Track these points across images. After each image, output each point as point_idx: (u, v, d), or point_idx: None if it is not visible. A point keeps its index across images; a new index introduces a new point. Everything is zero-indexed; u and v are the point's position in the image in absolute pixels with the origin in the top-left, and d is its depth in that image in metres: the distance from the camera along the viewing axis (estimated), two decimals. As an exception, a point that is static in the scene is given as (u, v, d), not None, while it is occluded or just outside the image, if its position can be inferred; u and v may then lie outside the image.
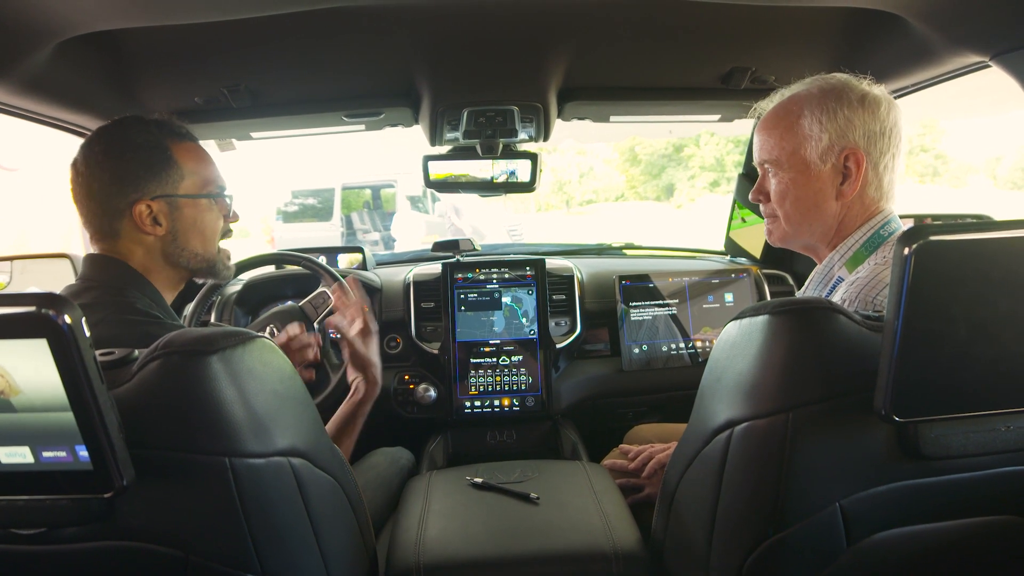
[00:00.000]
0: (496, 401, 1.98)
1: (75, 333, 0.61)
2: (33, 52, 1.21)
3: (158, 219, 1.17)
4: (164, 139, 1.18)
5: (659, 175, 25.84)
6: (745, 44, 1.62)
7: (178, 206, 1.19)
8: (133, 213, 1.15)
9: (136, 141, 1.15)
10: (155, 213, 1.16)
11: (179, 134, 1.22)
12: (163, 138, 1.18)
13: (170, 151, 1.18)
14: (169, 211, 1.18)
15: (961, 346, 0.72)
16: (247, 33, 1.41)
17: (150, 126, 1.18)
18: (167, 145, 1.18)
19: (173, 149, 1.19)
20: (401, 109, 1.85)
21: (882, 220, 1.16)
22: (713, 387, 0.95)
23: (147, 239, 1.18)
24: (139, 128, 1.17)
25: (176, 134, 1.21)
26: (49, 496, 0.72)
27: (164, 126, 1.20)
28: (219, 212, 1.28)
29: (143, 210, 1.15)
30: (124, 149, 1.15)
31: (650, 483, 1.52)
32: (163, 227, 1.18)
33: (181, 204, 1.19)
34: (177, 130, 1.22)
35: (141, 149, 1.15)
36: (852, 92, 1.14)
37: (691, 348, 2.06)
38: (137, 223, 1.15)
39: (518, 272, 2.04)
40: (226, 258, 1.32)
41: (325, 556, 0.92)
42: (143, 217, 1.15)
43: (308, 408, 0.95)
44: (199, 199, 1.22)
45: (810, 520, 0.84)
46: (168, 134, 1.20)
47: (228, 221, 1.31)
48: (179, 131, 1.22)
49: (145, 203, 1.15)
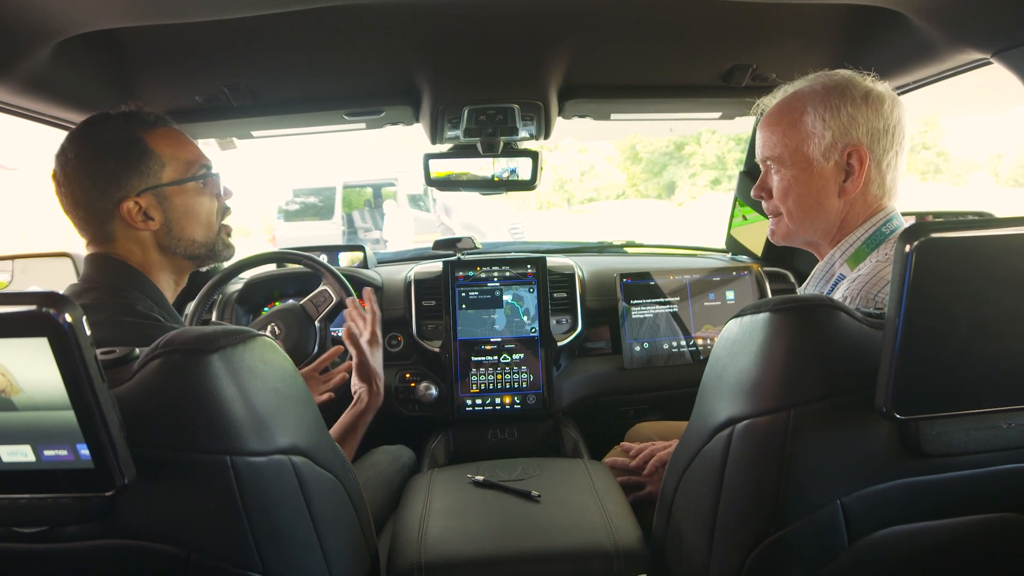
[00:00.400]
0: (497, 399, 1.98)
1: (76, 332, 0.61)
2: (33, 51, 1.21)
3: (149, 213, 1.14)
4: (136, 130, 1.14)
5: (660, 173, 25.83)
6: (746, 42, 1.62)
7: (166, 196, 1.15)
8: (122, 212, 1.11)
9: (107, 139, 1.11)
10: (144, 208, 1.13)
11: (150, 122, 1.16)
12: (134, 130, 1.14)
13: (144, 142, 1.13)
14: (158, 203, 1.14)
15: (962, 343, 0.72)
16: (247, 32, 1.41)
17: (118, 120, 1.14)
18: (140, 136, 1.13)
19: (147, 139, 1.14)
20: (402, 107, 1.85)
21: (884, 217, 1.15)
22: (714, 385, 0.95)
23: (142, 236, 1.15)
24: (107, 125, 1.13)
25: (147, 123, 1.16)
26: (50, 495, 0.72)
27: (133, 117, 1.15)
28: (210, 192, 1.23)
29: (131, 207, 1.11)
30: (97, 150, 1.11)
31: (651, 481, 1.52)
32: (156, 220, 1.15)
33: (169, 193, 1.15)
34: (147, 118, 1.17)
35: (114, 146, 1.11)
36: (856, 89, 1.13)
37: (692, 346, 2.06)
38: (128, 221, 1.12)
39: (519, 270, 2.04)
40: (226, 235, 1.28)
41: (327, 554, 0.92)
42: (133, 215, 1.12)
43: (309, 406, 0.95)
44: (185, 184, 1.18)
45: (811, 518, 0.84)
46: (139, 124, 1.15)
47: (222, 199, 1.27)
48: (149, 119, 1.17)
49: (132, 200, 1.11)
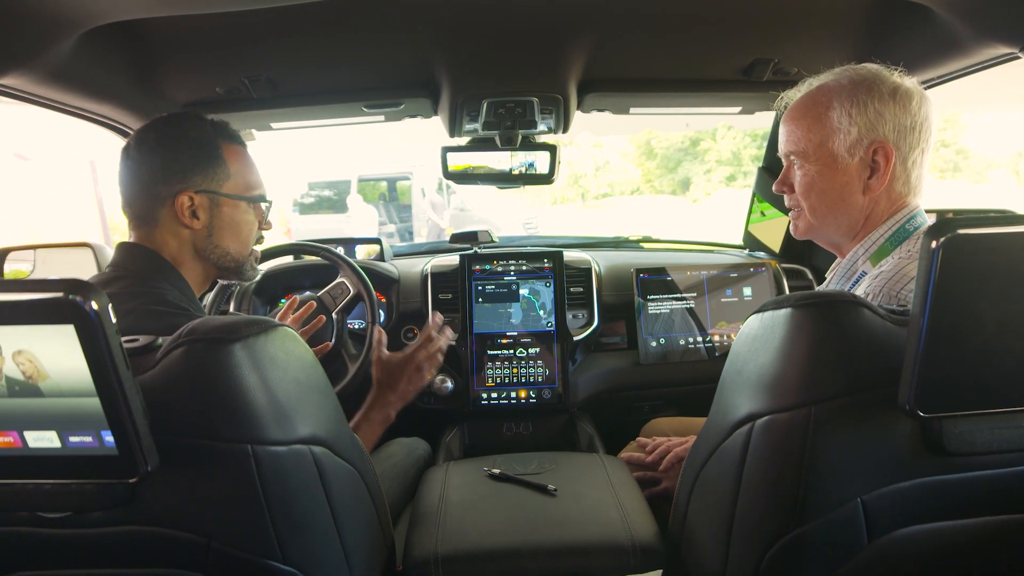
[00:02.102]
0: (513, 393, 1.98)
1: (102, 319, 0.62)
2: (58, 42, 1.22)
3: (197, 212, 1.20)
4: (216, 138, 1.23)
5: (675, 169, 25.67)
6: (768, 35, 1.60)
7: (218, 203, 1.23)
8: (175, 203, 1.18)
9: (191, 135, 1.20)
10: (195, 206, 1.20)
11: (231, 137, 1.27)
12: (216, 137, 1.23)
13: (220, 150, 1.23)
14: (209, 206, 1.22)
15: (988, 341, 0.71)
16: (268, 23, 1.42)
17: (205, 124, 1.24)
18: (218, 144, 1.23)
19: (223, 149, 1.24)
20: (420, 100, 1.85)
21: (908, 214, 1.14)
22: (734, 380, 0.95)
23: (183, 231, 1.21)
24: (195, 124, 1.22)
25: (229, 136, 1.26)
26: (75, 480, 0.73)
27: (218, 126, 1.25)
28: (255, 217, 1.32)
29: (185, 201, 1.18)
30: (178, 140, 1.19)
31: (667, 476, 1.51)
32: (200, 221, 1.21)
33: (222, 202, 1.23)
34: (230, 133, 1.27)
35: (194, 143, 1.20)
36: (883, 84, 1.11)
37: (708, 342, 2.05)
38: (177, 213, 1.19)
39: (536, 264, 2.04)
40: (255, 260, 1.36)
41: (345, 544, 0.93)
42: (183, 208, 1.19)
43: (329, 397, 0.96)
44: (239, 200, 1.26)
45: (831, 515, 0.83)
46: (221, 134, 1.25)
47: (262, 228, 1.35)
48: (232, 134, 1.27)
49: (188, 194, 1.19)
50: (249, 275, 1.36)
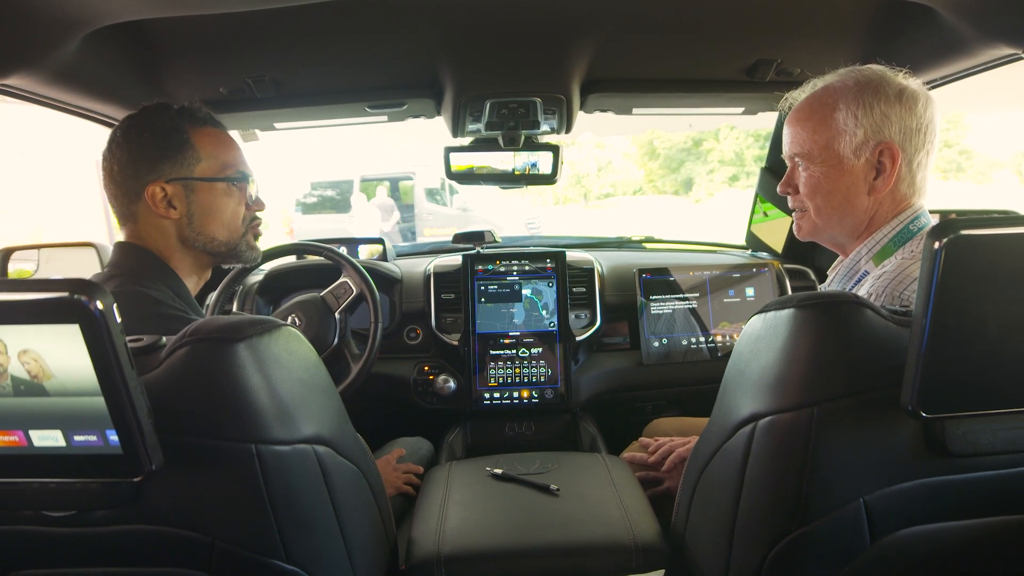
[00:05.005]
0: (515, 393, 1.98)
1: (107, 319, 0.62)
2: (63, 42, 1.22)
3: (172, 202, 1.18)
4: (183, 123, 1.20)
5: (678, 169, 25.65)
6: (771, 36, 1.60)
7: (193, 188, 1.20)
8: (146, 195, 1.16)
9: (154, 124, 1.18)
10: (169, 196, 1.18)
11: (201, 119, 1.23)
12: (182, 122, 1.20)
13: (187, 134, 1.20)
14: (184, 194, 1.19)
15: (991, 342, 0.71)
16: (272, 24, 1.42)
17: (170, 111, 1.21)
18: (185, 128, 1.20)
19: (191, 133, 1.20)
20: (424, 100, 1.85)
21: (912, 215, 1.14)
22: (737, 380, 0.95)
23: (163, 223, 1.19)
24: (160, 113, 1.20)
25: (196, 119, 1.23)
26: (79, 479, 0.73)
27: (185, 112, 1.22)
28: (239, 197, 1.28)
29: (156, 192, 1.16)
30: (142, 132, 1.17)
31: (669, 477, 1.52)
32: (177, 210, 1.19)
33: (196, 187, 1.20)
34: (198, 114, 1.24)
35: (158, 132, 1.17)
36: (889, 86, 1.11)
37: (711, 342, 2.05)
38: (150, 205, 1.17)
39: (538, 264, 2.04)
40: (252, 239, 1.33)
41: (348, 543, 0.93)
42: (156, 199, 1.17)
43: (332, 397, 0.96)
44: (215, 183, 1.23)
45: (833, 515, 0.83)
46: (188, 119, 1.22)
47: (252, 208, 1.31)
48: (202, 117, 1.24)
49: (159, 185, 1.16)
50: (247, 256, 1.32)
